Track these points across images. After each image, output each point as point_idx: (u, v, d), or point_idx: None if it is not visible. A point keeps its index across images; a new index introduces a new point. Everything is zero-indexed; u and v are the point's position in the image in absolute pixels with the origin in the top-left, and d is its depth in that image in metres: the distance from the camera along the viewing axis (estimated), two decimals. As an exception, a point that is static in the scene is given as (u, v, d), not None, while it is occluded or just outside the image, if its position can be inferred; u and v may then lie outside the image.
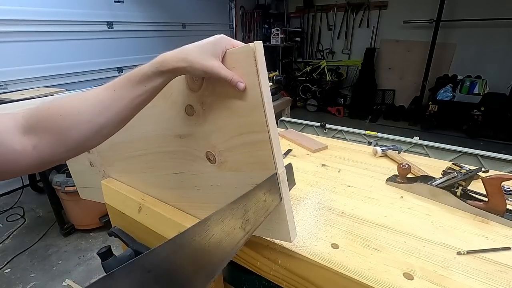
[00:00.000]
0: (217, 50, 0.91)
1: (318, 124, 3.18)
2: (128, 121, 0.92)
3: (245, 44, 0.89)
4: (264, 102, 0.88)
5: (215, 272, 0.81)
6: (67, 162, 2.06)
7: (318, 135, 3.01)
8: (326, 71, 9.86)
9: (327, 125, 3.12)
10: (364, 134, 2.86)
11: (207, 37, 0.92)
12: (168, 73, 0.88)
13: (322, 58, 10.35)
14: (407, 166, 1.61)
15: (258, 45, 0.85)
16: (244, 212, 0.90)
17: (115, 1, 6.03)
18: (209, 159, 1.15)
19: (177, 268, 0.74)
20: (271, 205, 1.01)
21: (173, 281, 0.73)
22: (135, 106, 0.88)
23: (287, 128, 3.15)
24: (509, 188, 1.56)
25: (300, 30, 10.63)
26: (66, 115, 0.80)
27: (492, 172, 1.67)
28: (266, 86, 0.89)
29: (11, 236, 4.11)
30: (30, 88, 4.72)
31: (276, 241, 1.19)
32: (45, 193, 3.93)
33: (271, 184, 1.00)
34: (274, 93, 5.03)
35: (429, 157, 2.40)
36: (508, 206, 1.34)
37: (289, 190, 1.07)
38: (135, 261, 0.65)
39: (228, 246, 0.86)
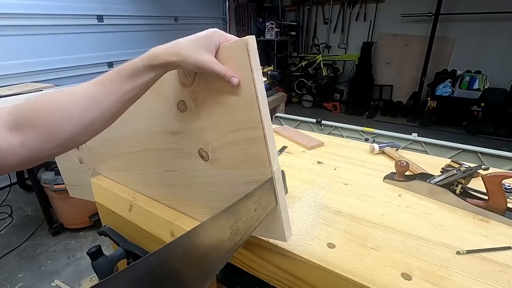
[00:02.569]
0: (210, 44, 0.90)
1: (314, 120, 3.19)
2: (119, 116, 0.92)
3: (239, 38, 0.89)
4: (258, 97, 0.88)
5: (201, 286, 0.81)
6: (56, 160, 2.05)
7: (314, 131, 3.01)
8: (322, 66, 9.84)
9: (323, 122, 3.12)
10: (361, 131, 2.86)
11: (200, 31, 0.92)
12: (160, 68, 0.88)
13: (318, 52, 10.32)
14: (405, 163, 1.61)
15: (251, 40, 0.85)
16: (234, 222, 0.90)
17: (105, -6, 5.99)
18: (202, 156, 1.15)
19: (157, 285, 0.73)
20: (262, 214, 1.01)
21: None
22: (125, 101, 0.88)
23: (282, 125, 3.15)
24: (509, 186, 1.56)
25: (296, 24, 10.61)
26: (54, 110, 0.79)
27: (492, 170, 1.67)
28: (260, 81, 0.88)
29: (-2, 235, 4.10)
30: (18, 83, 4.69)
31: (271, 240, 1.18)
32: (34, 191, 3.91)
33: (264, 190, 1.00)
34: (269, 88, 5.03)
35: (428, 154, 2.41)
36: (508, 205, 1.34)
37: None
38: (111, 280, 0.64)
39: (215, 258, 0.85)
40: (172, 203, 1.44)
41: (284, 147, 2.20)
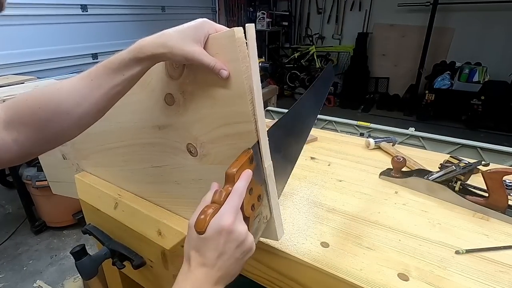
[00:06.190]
0: (199, 35, 0.90)
1: (307, 114, 3.18)
2: (107, 111, 0.93)
3: (228, 28, 0.88)
4: (253, 90, 0.88)
5: None
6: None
7: (307, 126, 3.01)
8: (315, 57, 9.87)
9: (316, 115, 3.12)
10: (356, 125, 2.87)
11: (188, 21, 0.91)
12: (147, 60, 0.88)
13: (311, 43, 10.35)
14: (402, 159, 1.61)
15: (250, 28, 0.86)
16: None
17: (89, -18, 5.94)
18: (190, 152, 1.14)
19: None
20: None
21: None
22: (113, 96, 0.89)
23: (274, 119, 3.16)
24: (511, 182, 1.57)
25: (288, 13, 10.60)
26: (44, 107, 0.81)
27: (493, 166, 1.67)
28: (256, 73, 0.88)
29: (-22, 234, 4.07)
30: (-1, 75, 4.66)
31: (262, 239, 1.18)
32: (15, 188, 3.90)
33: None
34: (260, 81, 4.99)
35: (426, 149, 2.41)
36: (510, 202, 1.34)
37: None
38: None
39: None
40: (159, 200, 1.43)
41: (276, 142, 2.18)
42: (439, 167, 1.61)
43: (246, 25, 0.84)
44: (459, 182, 1.45)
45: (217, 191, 0.84)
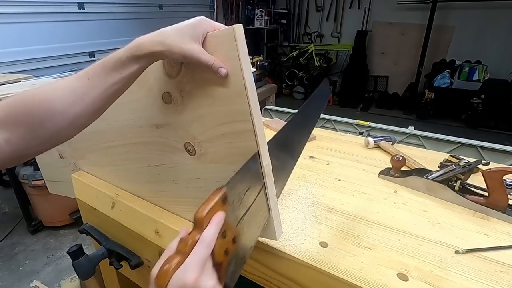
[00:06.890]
0: (197, 33, 0.89)
1: (306, 113, 3.18)
2: (104, 110, 0.92)
3: (227, 26, 0.88)
4: (247, 89, 0.88)
5: None
6: (35, 154, 2.04)
7: (306, 124, 3.01)
8: (314, 56, 9.83)
9: (315, 114, 3.12)
10: (355, 124, 2.87)
11: (186, 19, 0.91)
12: (145, 58, 0.88)
13: (310, 42, 10.32)
14: (401, 158, 1.61)
15: (238, 29, 0.84)
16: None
17: (86, -20, 5.92)
18: (188, 151, 1.14)
19: None
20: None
21: None
22: (110, 95, 0.88)
23: (272, 117, 3.16)
24: (511, 181, 1.57)
25: (286, 11, 10.57)
26: (38, 106, 0.80)
27: (493, 165, 1.67)
28: (248, 73, 0.88)
29: (-26, 234, 4.06)
30: (-5, 74, 4.61)
31: (261, 238, 1.17)
32: (11, 187, 3.90)
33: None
34: (258, 79, 5.03)
35: (425, 148, 2.41)
36: (510, 202, 1.34)
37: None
38: None
39: None
40: (157, 200, 1.43)
41: (274, 141, 2.18)
42: (438, 166, 1.61)
43: (235, 25, 0.84)
44: (459, 182, 1.45)
45: (183, 239, 0.74)
